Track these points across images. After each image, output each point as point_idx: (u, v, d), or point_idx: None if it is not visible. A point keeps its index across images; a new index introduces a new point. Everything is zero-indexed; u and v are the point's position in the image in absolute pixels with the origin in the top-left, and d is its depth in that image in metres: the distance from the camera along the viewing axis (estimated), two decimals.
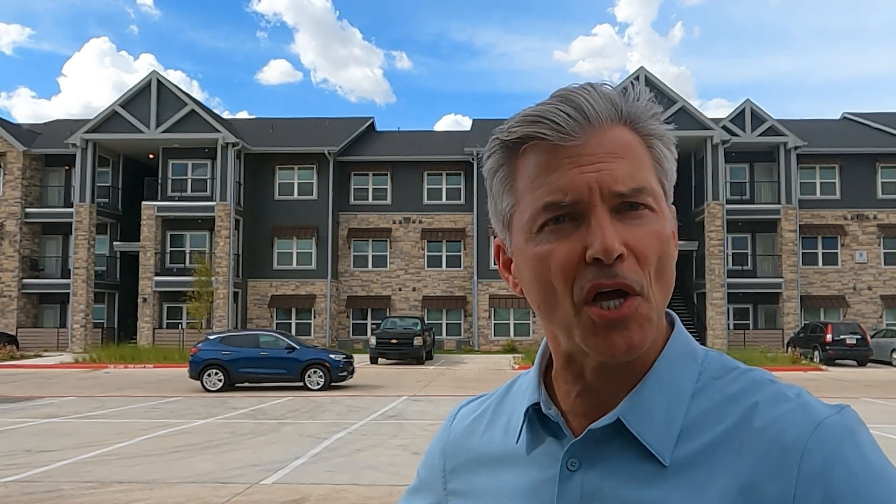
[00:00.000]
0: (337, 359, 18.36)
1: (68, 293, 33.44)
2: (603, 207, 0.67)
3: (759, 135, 34.23)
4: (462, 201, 36.08)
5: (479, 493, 0.79)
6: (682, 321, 0.76)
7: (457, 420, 0.88)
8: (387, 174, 36.83)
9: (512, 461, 0.77)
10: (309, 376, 18.04)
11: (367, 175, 36.99)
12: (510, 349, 32.67)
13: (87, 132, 33.57)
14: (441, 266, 36.22)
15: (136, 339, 33.02)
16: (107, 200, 35.74)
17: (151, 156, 36.00)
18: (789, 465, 0.63)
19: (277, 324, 35.60)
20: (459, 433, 0.86)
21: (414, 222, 36.40)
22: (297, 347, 18.60)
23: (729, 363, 0.73)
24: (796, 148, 34.03)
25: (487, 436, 0.82)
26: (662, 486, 0.67)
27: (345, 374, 18.35)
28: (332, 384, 18.19)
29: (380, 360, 26.20)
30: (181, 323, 33.78)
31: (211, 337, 19.09)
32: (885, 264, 34.78)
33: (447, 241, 36.11)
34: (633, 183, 0.67)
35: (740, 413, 0.67)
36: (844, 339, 26.32)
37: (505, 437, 0.79)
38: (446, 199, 36.41)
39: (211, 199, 33.95)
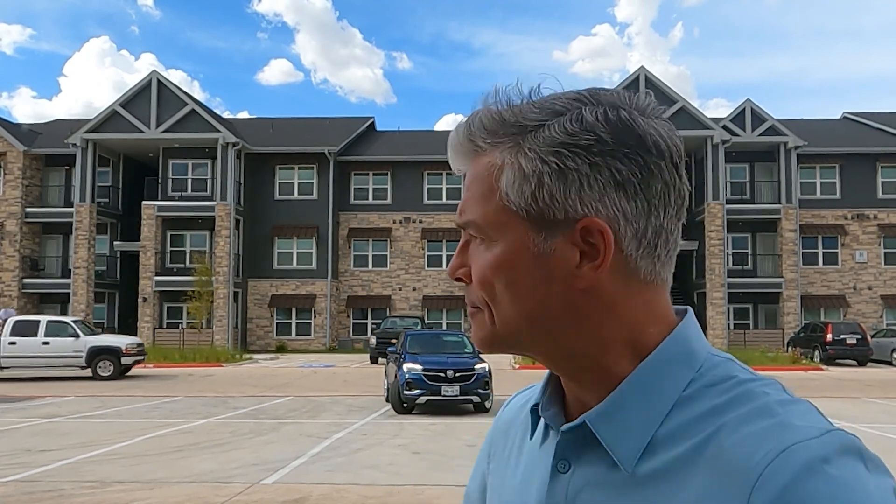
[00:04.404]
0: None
1: (68, 293, 33.44)
2: (464, 234, 0.73)
3: (760, 134, 34.24)
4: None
5: (499, 479, 0.82)
6: None
7: (507, 408, 0.91)
8: (387, 174, 36.84)
9: (525, 454, 0.79)
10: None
11: (368, 175, 37.01)
12: None
13: (87, 132, 33.59)
14: (441, 266, 36.21)
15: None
16: (107, 200, 35.75)
17: (151, 155, 36.00)
18: (742, 492, 0.57)
19: (278, 324, 35.63)
20: (505, 421, 0.88)
21: (414, 222, 36.42)
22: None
23: (730, 371, 0.67)
24: (796, 148, 34.04)
25: (520, 426, 0.84)
26: (629, 497, 0.65)
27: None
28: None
29: (380, 359, 26.20)
30: (181, 323, 33.77)
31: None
32: (885, 264, 34.78)
33: (447, 241, 36.11)
34: (463, 217, 0.73)
35: (715, 427, 0.62)
36: (845, 339, 26.32)
37: (525, 430, 0.81)
38: (446, 199, 36.42)
39: (211, 198, 33.95)
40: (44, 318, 21.89)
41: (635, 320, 0.69)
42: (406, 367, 13.43)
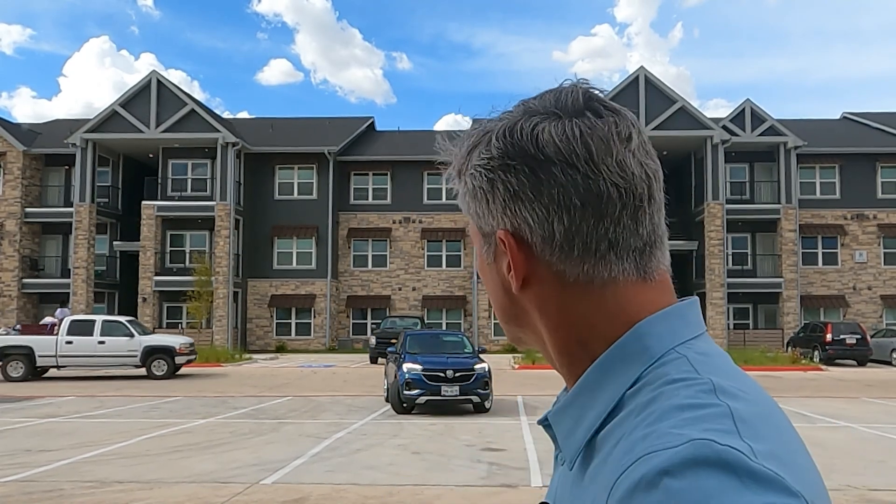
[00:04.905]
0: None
1: (68, 293, 33.43)
2: None
3: (759, 134, 34.24)
4: None
5: None
6: None
7: None
8: (387, 174, 36.85)
9: None
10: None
11: (367, 175, 37.01)
12: (510, 349, 32.67)
13: (86, 132, 33.59)
14: (441, 266, 36.24)
15: None
16: (107, 200, 35.75)
17: (151, 155, 36.00)
18: (604, 500, 0.57)
19: (277, 324, 35.61)
20: None
21: (414, 222, 36.42)
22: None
23: (669, 369, 0.64)
24: (796, 148, 34.04)
25: None
26: (574, 495, 0.66)
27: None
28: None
29: (379, 359, 26.19)
30: (181, 323, 33.78)
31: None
32: (884, 264, 34.79)
33: (447, 241, 36.12)
34: None
35: (625, 430, 0.61)
36: (844, 339, 26.32)
37: None
38: (446, 199, 36.39)
39: (211, 198, 33.95)
40: (99, 318, 22.14)
41: (583, 320, 0.70)
42: (406, 367, 13.37)
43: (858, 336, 26.39)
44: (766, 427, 0.58)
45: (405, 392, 13.24)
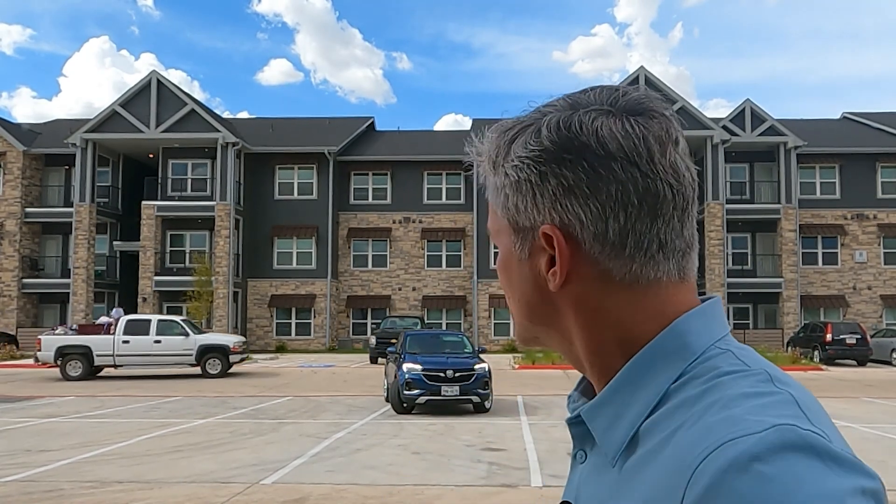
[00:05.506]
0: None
1: (68, 293, 33.44)
2: None
3: (760, 134, 34.26)
4: (462, 201, 36.09)
5: None
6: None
7: None
8: (387, 174, 36.84)
9: None
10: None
11: (367, 175, 37.01)
12: (510, 349, 32.68)
13: (86, 132, 33.59)
14: (441, 266, 36.23)
15: None
16: (107, 200, 35.76)
17: (151, 155, 36.02)
18: (679, 487, 0.56)
19: (277, 324, 35.60)
20: None
21: (414, 222, 36.42)
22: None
23: (718, 362, 0.65)
24: (796, 148, 34.06)
25: None
26: (612, 490, 0.66)
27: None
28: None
29: (379, 359, 26.18)
30: None
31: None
32: (884, 264, 34.79)
33: (447, 241, 36.12)
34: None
35: (681, 422, 0.61)
36: (844, 339, 26.32)
37: None
38: (446, 199, 36.41)
39: (211, 198, 33.96)
40: (154, 317, 22.56)
41: (623, 320, 0.69)
42: (406, 367, 13.39)
43: (858, 336, 26.39)
44: (821, 414, 0.59)
45: (405, 392, 13.26)
